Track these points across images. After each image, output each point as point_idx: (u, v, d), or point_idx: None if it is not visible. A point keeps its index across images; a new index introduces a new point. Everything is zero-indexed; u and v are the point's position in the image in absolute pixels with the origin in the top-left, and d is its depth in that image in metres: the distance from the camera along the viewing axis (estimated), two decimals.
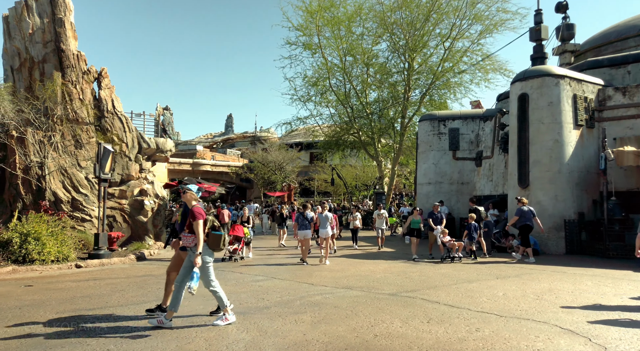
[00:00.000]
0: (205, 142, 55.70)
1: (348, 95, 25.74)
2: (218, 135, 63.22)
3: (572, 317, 5.92)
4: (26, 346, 4.76)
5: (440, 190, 19.12)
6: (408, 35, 23.53)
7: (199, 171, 38.43)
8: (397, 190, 33.44)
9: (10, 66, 14.24)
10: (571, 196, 13.61)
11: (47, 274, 9.53)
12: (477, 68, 23.81)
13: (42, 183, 12.96)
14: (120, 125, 15.11)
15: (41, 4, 14.21)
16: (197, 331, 5.29)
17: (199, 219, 5.45)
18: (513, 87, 14.84)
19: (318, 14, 23.95)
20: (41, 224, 10.51)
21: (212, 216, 5.80)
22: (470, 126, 19.33)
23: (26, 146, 12.95)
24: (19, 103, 12.93)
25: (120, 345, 4.80)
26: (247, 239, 12.49)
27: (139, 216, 14.64)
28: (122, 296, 7.34)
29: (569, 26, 19.35)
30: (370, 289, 7.83)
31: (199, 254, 5.36)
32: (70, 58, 14.24)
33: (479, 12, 22.50)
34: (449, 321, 5.68)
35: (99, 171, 11.72)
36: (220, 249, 5.73)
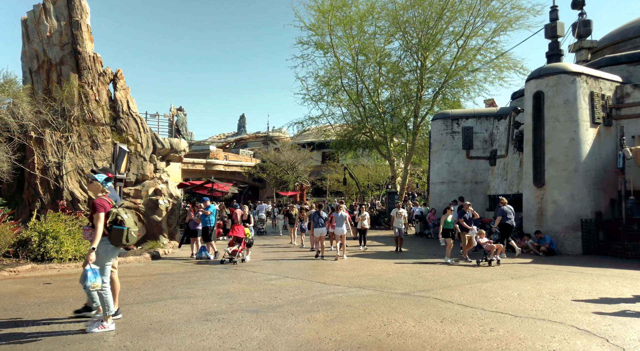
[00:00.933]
0: (218, 142, 56.13)
1: (360, 94, 25.68)
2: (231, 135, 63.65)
3: (589, 318, 5.82)
4: (45, 341, 4.86)
5: (454, 189, 18.97)
6: (421, 33, 23.38)
7: (212, 171, 38.74)
8: (410, 190, 33.23)
9: (29, 68, 14.55)
10: (588, 195, 13.37)
11: (64, 272, 9.72)
12: (491, 66, 23.55)
13: (59, 183, 13.22)
14: (135, 126, 15.31)
15: (58, 7, 14.49)
16: (210, 328, 5.35)
17: (100, 211, 5.05)
18: (528, 85, 14.64)
19: (330, 13, 23.95)
20: (59, 223, 10.72)
21: (117, 209, 5.29)
22: (484, 124, 19.13)
23: (44, 147, 13.22)
24: (38, 105, 13.21)
25: (135, 341, 4.87)
26: (248, 240, 11.80)
27: (154, 215, 14.83)
28: (137, 294, 7.45)
29: (585, 23, 19.02)
30: (382, 288, 7.81)
31: (92, 249, 4.94)
32: (86, 60, 14.49)
33: (493, 9, 22.26)
34: (463, 321, 5.64)
35: (115, 171, 11.89)
36: (123, 245, 5.20)
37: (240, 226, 11.97)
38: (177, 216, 16.10)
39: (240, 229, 11.74)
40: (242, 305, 6.59)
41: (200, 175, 36.78)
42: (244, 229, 11.82)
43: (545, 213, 13.61)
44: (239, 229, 11.75)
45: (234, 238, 11.51)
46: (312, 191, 41.53)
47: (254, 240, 12.40)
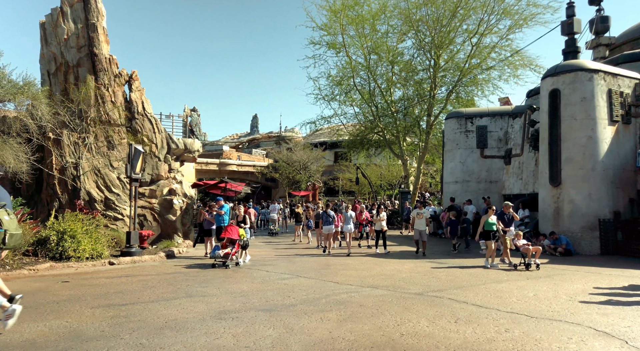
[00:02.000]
0: (232, 142, 56.50)
1: (372, 94, 25.61)
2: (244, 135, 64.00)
3: (608, 319, 5.72)
4: (64, 338, 4.96)
5: (468, 189, 18.78)
6: (434, 32, 23.20)
7: (225, 171, 39.02)
8: (424, 189, 32.99)
9: (47, 70, 14.84)
10: (606, 194, 13.12)
11: (82, 271, 9.90)
12: (506, 64, 23.26)
13: (77, 183, 13.47)
14: (150, 126, 15.52)
15: (75, 10, 14.76)
16: (225, 326, 5.40)
17: None
18: (544, 82, 14.42)
19: (342, 13, 23.93)
20: (76, 223, 10.92)
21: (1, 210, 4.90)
22: (499, 123, 18.90)
23: (62, 148, 13.49)
24: (55, 106, 13.47)
25: (152, 339, 4.94)
26: (242, 242, 10.93)
27: (168, 214, 15.01)
28: (153, 292, 7.55)
29: (603, 19, 18.67)
30: (396, 288, 7.78)
31: None
32: (102, 62, 14.73)
33: (507, 6, 21.97)
34: (477, 322, 5.59)
35: (130, 171, 12.07)
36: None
37: (233, 226, 11.11)
38: (190, 216, 16.28)
39: (233, 230, 10.90)
40: (255, 303, 6.64)
41: (213, 175, 37.06)
42: (238, 230, 11.01)
43: (561, 213, 13.40)
44: (232, 230, 10.89)
45: (227, 240, 10.66)
46: (325, 190, 41.52)
47: (249, 242, 11.42)
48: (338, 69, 26.38)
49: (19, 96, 12.34)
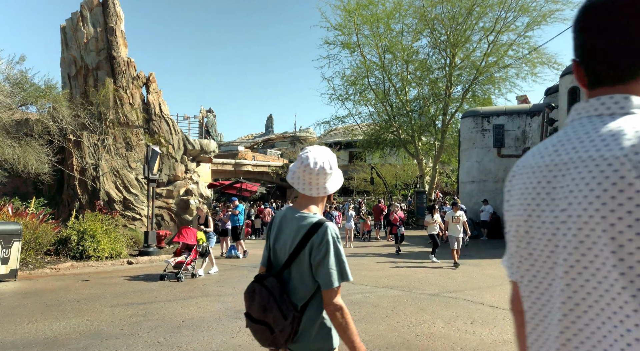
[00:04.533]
0: (247, 143, 56.87)
1: (387, 93, 25.47)
2: (259, 136, 64.35)
3: None
4: (84, 336, 5.08)
5: (485, 188, 18.55)
6: (449, 30, 22.96)
7: (240, 171, 39.32)
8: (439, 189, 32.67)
9: (67, 73, 15.19)
10: None
11: (101, 270, 10.11)
12: (524, 62, 22.85)
13: (96, 184, 13.75)
14: (167, 128, 15.74)
15: (94, 14, 15.07)
16: (240, 326, 5.45)
17: None
18: (563, 80, 14.15)
19: (356, 12, 23.86)
20: (96, 223, 11.16)
21: None
22: (516, 121, 18.61)
23: (82, 149, 13.79)
24: (75, 109, 13.79)
25: (169, 337, 5.02)
26: (201, 248, 9.18)
27: (185, 215, 15.20)
28: (170, 291, 7.66)
29: None
30: (411, 289, 7.74)
31: None
32: (121, 65, 15.00)
33: (525, 3, 21.59)
34: (494, 323, 5.52)
35: (148, 172, 12.27)
36: None
37: (190, 229, 9.31)
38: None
39: (189, 233, 9.06)
40: None
41: (229, 175, 37.39)
42: (196, 233, 9.19)
43: None
44: (187, 233, 9.04)
45: (182, 245, 8.99)
46: (340, 190, 41.45)
47: (210, 249, 9.57)
48: (352, 69, 26.34)
49: (40, 99, 12.67)
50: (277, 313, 1.81)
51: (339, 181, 2.04)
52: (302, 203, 1.99)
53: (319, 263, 1.83)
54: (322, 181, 1.95)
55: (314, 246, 1.83)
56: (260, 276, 1.95)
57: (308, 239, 1.85)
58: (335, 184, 2.01)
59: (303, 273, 1.87)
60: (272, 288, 1.85)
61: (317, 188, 1.96)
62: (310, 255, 1.84)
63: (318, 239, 1.84)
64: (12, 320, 5.70)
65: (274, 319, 1.81)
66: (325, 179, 1.95)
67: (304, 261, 1.86)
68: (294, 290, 1.89)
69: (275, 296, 1.83)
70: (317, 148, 2.02)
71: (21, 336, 5.07)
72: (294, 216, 1.94)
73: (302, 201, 2.00)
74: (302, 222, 1.90)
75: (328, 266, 1.82)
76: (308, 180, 1.94)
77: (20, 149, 12.02)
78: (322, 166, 1.92)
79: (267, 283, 1.87)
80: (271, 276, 1.91)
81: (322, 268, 1.83)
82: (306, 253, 1.85)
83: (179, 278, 8.60)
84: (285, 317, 1.81)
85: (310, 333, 1.87)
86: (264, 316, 1.84)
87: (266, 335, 1.85)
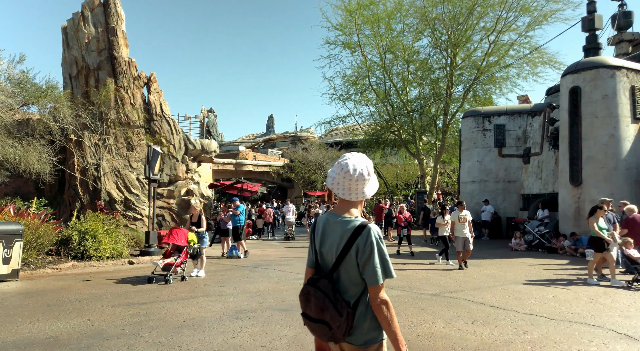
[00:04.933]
0: (248, 143, 56.89)
1: (388, 93, 25.46)
2: (259, 136, 64.37)
3: (630, 321, 5.58)
4: (86, 336, 5.09)
5: (486, 188, 18.55)
6: (450, 30, 22.95)
7: (241, 171, 39.33)
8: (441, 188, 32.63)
9: (68, 73, 15.23)
10: (629, 194, 12.79)
11: (103, 270, 10.12)
12: (525, 61, 22.83)
13: (97, 184, 13.78)
14: (168, 128, 15.76)
15: (96, 15, 15.09)
16: (241, 326, 5.45)
17: None
18: (564, 80, 14.14)
19: (357, 12, 23.86)
20: (97, 223, 11.17)
21: None
22: (517, 121, 18.60)
23: (83, 149, 13.81)
24: (77, 109, 13.81)
25: (170, 337, 5.03)
26: (192, 249, 8.87)
27: (186, 215, 15.21)
28: (171, 291, 7.67)
29: (626, 14, 18.20)
30: (412, 289, 7.74)
31: None
32: (122, 65, 15.02)
33: (526, 3, 21.57)
34: (495, 323, 5.53)
35: (149, 172, 12.29)
36: None
37: (180, 229, 8.99)
38: (207, 216, 16.48)
39: (180, 233, 8.75)
40: (271, 303, 6.69)
41: (230, 175, 37.41)
42: (187, 234, 8.89)
43: (582, 213, 13.10)
44: (178, 233, 8.72)
45: (172, 246, 8.67)
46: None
47: (201, 250, 9.22)
48: (353, 69, 26.33)
49: (42, 99, 12.70)
50: (333, 311, 1.98)
51: (375, 186, 2.20)
52: (343, 207, 2.16)
53: (365, 262, 2.00)
54: (360, 186, 2.11)
55: (360, 247, 2.01)
56: (313, 278, 2.11)
57: (353, 241, 2.02)
58: (372, 189, 2.17)
59: (351, 272, 2.04)
60: (326, 289, 2.02)
61: (356, 193, 2.12)
62: (357, 256, 2.02)
63: (363, 241, 2.01)
64: (13, 320, 5.72)
65: (331, 317, 1.98)
66: (364, 184, 2.12)
67: (352, 261, 2.03)
68: (345, 289, 2.06)
69: (330, 296, 2.00)
70: (356, 156, 2.18)
71: (23, 336, 5.08)
72: (337, 220, 2.11)
73: (342, 205, 2.17)
74: (346, 226, 2.07)
75: (373, 264, 2.00)
76: (348, 185, 2.10)
77: (21, 149, 12.05)
78: (361, 173, 2.08)
79: (320, 285, 2.04)
80: (323, 278, 2.08)
81: (368, 267, 2.00)
82: (353, 254, 2.02)
83: (167, 280, 8.28)
84: (341, 314, 1.98)
85: (364, 326, 2.04)
86: (322, 316, 2.01)
87: (325, 331, 2.03)
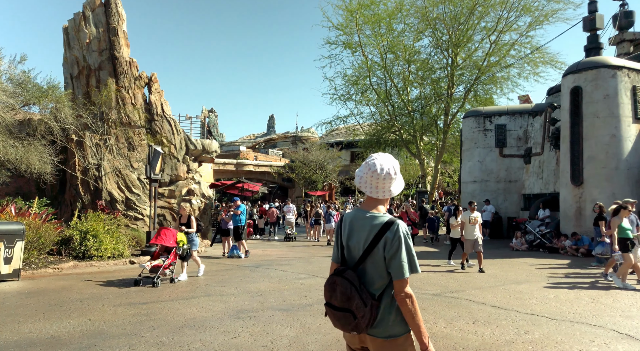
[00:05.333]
0: (248, 142, 56.91)
1: (389, 93, 25.46)
2: (260, 136, 64.37)
3: (632, 322, 5.58)
4: (87, 336, 5.10)
5: (486, 188, 18.53)
6: (451, 30, 22.94)
7: (242, 171, 39.34)
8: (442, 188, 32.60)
9: (70, 73, 15.23)
10: (630, 194, 12.76)
11: (104, 270, 10.13)
12: (526, 61, 22.83)
13: (98, 184, 13.78)
14: (169, 128, 15.76)
15: (97, 15, 15.09)
16: (242, 326, 5.46)
17: None
18: (565, 80, 14.13)
19: (358, 12, 23.86)
20: (98, 223, 11.18)
21: None
22: (518, 121, 18.59)
23: (84, 149, 13.82)
24: (78, 109, 13.82)
25: (171, 337, 5.04)
26: (181, 250, 8.51)
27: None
28: (172, 291, 7.68)
29: (627, 14, 18.19)
30: (413, 288, 7.70)
31: None
32: (123, 65, 15.02)
33: (527, 2, 21.58)
34: (496, 323, 5.52)
35: (150, 171, 12.30)
36: None
37: (169, 229, 8.65)
38: (209, 216, 16.48)
39: (168, 234, 8.44)
40: (272, 303, 6.69)
41: (231, 175, 37.42)
42: (176, 234, 8.58)
43: (583, 213, 13.10)
44: (166, 234, 8.40)
45: (160, 248, 8.32)
46: (341, 190, 41.46)
47: (190, 251, 8.89)
48: (354, 69, 26.34)
49: (43, 99, 12.71)
50: (358, 300, 2.04)
51: (402, 184, 2.28)
52: (370, 204, 2.24)
53: (392, 256, 2.08)
54: (387, 184, 2.20)
55: (388, 242, 2.09)
56: (340, 270, 2.17)
57: (381, 236, 2.10)
58: (398, 188, 2.26)
59: (378, 265, 2.11)
60: (352, 278, 2.09)
61: (383, 191, 2.20)
62: (384, 249, 2.09)
63: (391, 236, 2.09)
64: (15, 320, 5.73)
65: (356, 306, 2.04)
66: (391, 183, 2.20)
67: (379, 255, 2.10)
68: (371, 281, 2.13)
69: (356, 285, 2.07)
70: (383, 155, 2.26)
71: (24, 335, 5.09)
72: (365, 216, 2.20)
73: (369, 202, 2.25)
74: (375, 221, 2.15)
75: (400, 259, 2.07)
76: (375, 184, 2.19)
77: (23, 149, 12.06)
78: (387, 172, 2.17)
79: (347, 275, 2.11)
80: (349, 269, 2.15)
81: (395, 261, 2.08)
82: (380, 248, 2.10)
83: (154, 283, 7.91)
84: (365, 304, 2.04)
85: (389, 319, 2.10)
86: (348, 304, 2.06)
87: (349, 320, 2.07)
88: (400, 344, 2.11)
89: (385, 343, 2.09)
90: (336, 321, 2.15)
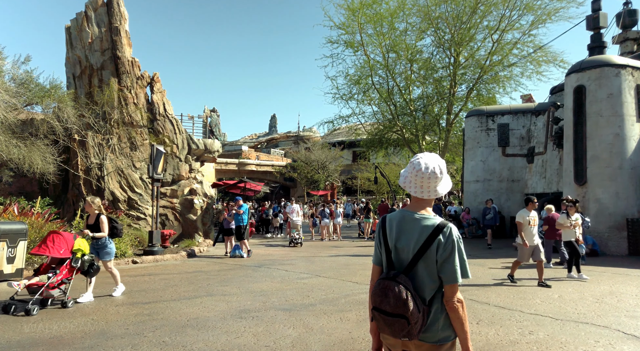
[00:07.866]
0: (250, 142, 56.93)
1: (391, 92, 25.41)
2: (262, 135, 64.40)
3: (637, 322, 5.54)
4: (90, 336, 5.09)
5: (489, 188, 18.48)
6: (454, 29, 22.86)
7: (244, 170, 39.35)
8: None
9: (72, 73, 15.25)
10: (634, 193, 12.72)
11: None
12: (528, 60, 22.72)
13: (101, 183, 13.80)
14: (171, 127, 15.77)
15: (99, 14, 15.11)
16: (245, 325, 5.44)
17: None
18: (568, 79, 14.07)
19: (360, 11, 23.79)
20: None
21: None
22: (521, 120, 18.52)
23: (87, 149, 13.83)
24: (80, 108, 13.83)
25: (174, 337, 5.02)
26: (78, 262, 6.41)
27: (189, 214, 15.23)
28: (174, 291, 7.67)
29: (631, 12, 18.10)
30: None
31: None
32: (125, 65, 15.03)
33: (530, 1, 21.46)
34: (500, 323, 5.49)
35: (152, 171, 12.30)
36: None
37: (61, 234, 6.48)
38: (211, 215, 16.48)
39: (59, 241, 6.32)
40: (275, 303, 6.67)
41: (233, 175, 37.44)
42: (71, 241, 6.45)
43: (587, 212, 13.03)
44: (56, 240, 6.30)
45: (50, 260, 6.38)
46: (343, 190, 41.45)
47: (94, 264, 6.70)
48: (356, 68, 26.27)
49: (45, 99, 12.72)
50: (413, 306, 1.99)
51: (449, 184, 2.20)
52: (416, 205, 2.18)
53: (444, 260, 2.03)
54: (433, 184, 2.12)
55: (441, 245, 2.03)
56: (393, 273, 2.10)
57: (434, 239, 2.04)
58: (445, 187, 2.18)
59: (430, 269, 2.06)
60: (406, 283, 2.03)
61: (428, 191, 2.13)
62: (437, 253, 2.04)
63: (445, 239, 2.04)
64: (17, 319, 5.72)
65: (411, 312, 1.98)
66: (437, 182, 2.13)
67: (431, 258, 2.05)
68: (422, 285, 2.07)
69: (411, 290, 2.02)
70: (428, 155, 2.19)
71: (27, 335, 5.09)
72: (414, 218, 2.13)
73: (415, 203, 2.19)
74: (426, 223, 2.09)
75: (453, 263, 2.03)
76: (420, 184, 2.13)
77: (25, 149, 12.08)
78: (433, 171, 2.10)
79: (400, 280, 2.05)
80: (401, 273, 2.08)
81: (448, 265, 2.03)
82: (433, 251, 2.04)
83: (27, 310, 5.74)
84: (419, 310, 2.00)
85: (438, 324, 2.06)
86: (403, 310, 1.99)
87: (403, 326, 2.01)
88: (447, 349, 2.09)
89: (432, 348, 2.07)
90: (386, 327, 2.06)
